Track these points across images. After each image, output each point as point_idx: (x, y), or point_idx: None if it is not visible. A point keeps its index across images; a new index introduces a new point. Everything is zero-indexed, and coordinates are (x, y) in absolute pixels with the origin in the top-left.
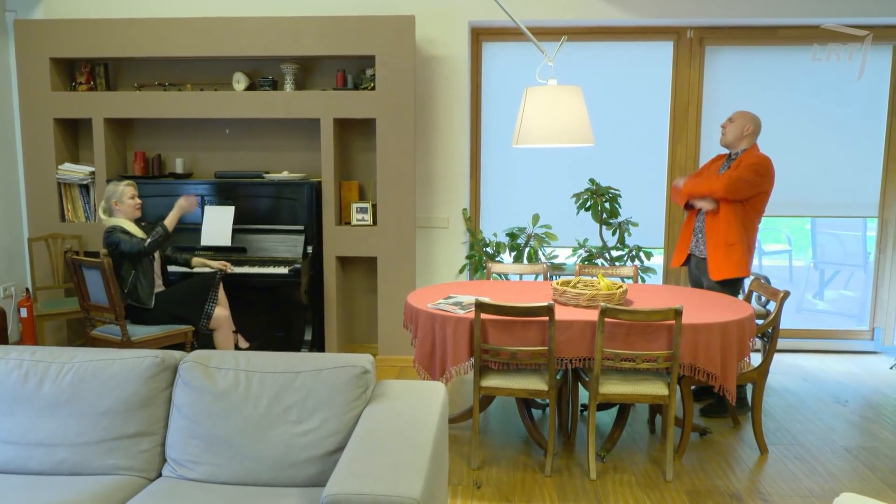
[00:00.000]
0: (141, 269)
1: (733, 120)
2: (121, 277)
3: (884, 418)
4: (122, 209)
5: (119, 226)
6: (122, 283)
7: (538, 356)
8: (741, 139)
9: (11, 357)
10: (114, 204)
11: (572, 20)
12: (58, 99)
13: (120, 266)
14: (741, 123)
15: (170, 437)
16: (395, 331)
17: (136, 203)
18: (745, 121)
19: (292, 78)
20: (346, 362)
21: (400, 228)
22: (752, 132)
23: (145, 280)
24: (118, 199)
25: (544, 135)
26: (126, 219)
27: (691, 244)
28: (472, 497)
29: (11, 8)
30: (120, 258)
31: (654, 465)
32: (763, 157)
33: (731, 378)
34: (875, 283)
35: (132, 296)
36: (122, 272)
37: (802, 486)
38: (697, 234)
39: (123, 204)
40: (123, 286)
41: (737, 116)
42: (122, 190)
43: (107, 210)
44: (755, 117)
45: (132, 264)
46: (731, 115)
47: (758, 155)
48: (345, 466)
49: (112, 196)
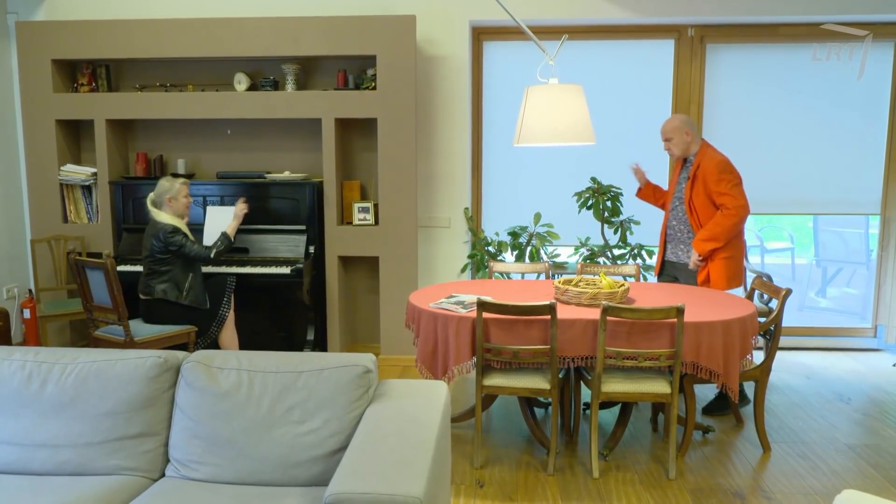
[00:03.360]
0: (197, 271)
1: (670, 137)
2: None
3: (887, 415)
4: (175, 206)
5: (179, 227)
6: (178, 284)
7: (540, 355)
8: (687, 146)
9: (15, 358)
10: (167, 200)
11: (573, 19)
12: (59, 100)
13: (168, 265)
14: (678, 136)
15: (173, 437)
16: (398, 330)
17: (188, 202)
18: (679, 131)
19: (293, 78)
20: (348, 362)
21: (402, 228)
22: (691, 132)
23: (198, 281)
24: (174, 196)
25: (545, 134)
26: (175, 216)
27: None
28: (475, 496)
29: (13, 10)
30: (174, 258)
31: (656, 463)
32: (720, 158)
33: (734, 376)
34: (878, 280)
35: (191, 296)
36: (174, 274)
37: (805, 484)
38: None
39: (178, 201)
40: (181, 287)
41: (670, 132)
42: (178, 188)
43: (157, 203)
44: (683, 120)
45: (188, 266)
46: (665, 134)
47: (713, 157)
48: (347, 466)
49: (168, 192)
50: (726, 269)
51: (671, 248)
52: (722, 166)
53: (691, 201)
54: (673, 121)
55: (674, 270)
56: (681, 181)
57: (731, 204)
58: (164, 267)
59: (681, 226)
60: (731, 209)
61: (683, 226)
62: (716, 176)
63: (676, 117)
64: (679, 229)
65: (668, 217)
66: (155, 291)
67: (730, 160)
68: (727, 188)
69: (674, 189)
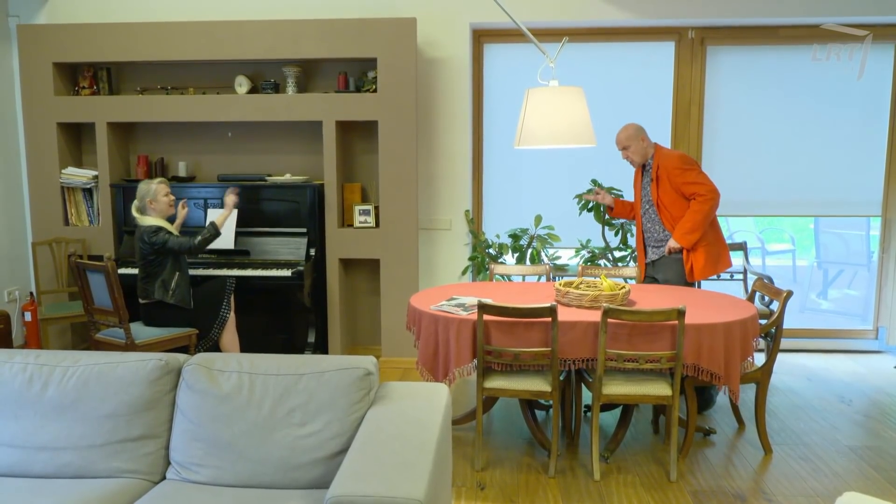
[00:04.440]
0: (184, 270)
1: (627, 146)
2: (159, 278)
3: (888, 417)
4: (157, 207)
5: (161, 226)
6: (165, 283)
7: (541, 357)
8: (645, 151)
9: (16, 361)
10: (148, 203)
11: (573, 21)
12: (61, 103)
13: (159, 266)
14: (635, 143)
15: (174, 439)
16: (399, 333)
17: (169, 200)
18: (635, 138)
19: (294, 81)
20: (349, 364)
21: (402, 230)
22: (646, 137)
23: (185, 281)
24: (153, 198)
25: (546, 136)
26: (160, 217)
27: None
28: (476, 498)
29: (14, 13)
30: (163, 258)
31: (657, 465)
32: (678, 153)
33: (735, 378)
34: (879, 282)
35: (176, 295)
36: (164, 274)
37: (807, 486)
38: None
39: (158, 202)
40: (167, 286)
41: (624, 139)
42: (155, 188)
43: (140, 209)
44: (636, 127)
45: (176, 264)
46: (621, 143)
47: (671, 154)
48: (348, 468)
49: (146, 195)
50: (707, 256)
51: (652, 250)
52: (682, 159)
53: (659, 200)
54: (627, 129)
55: (652, 271)
56: (644, 185)
57: (703, 190)
58: (156, 269)
59: (655, 226)
60: (704, 194)
61: (658, 226)
62: (680, 168)
63: (629, 126)
64: (654, 230)
65: (642, 222)
66: (149, 294)
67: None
68: (694, 177)
69: (640, 195)
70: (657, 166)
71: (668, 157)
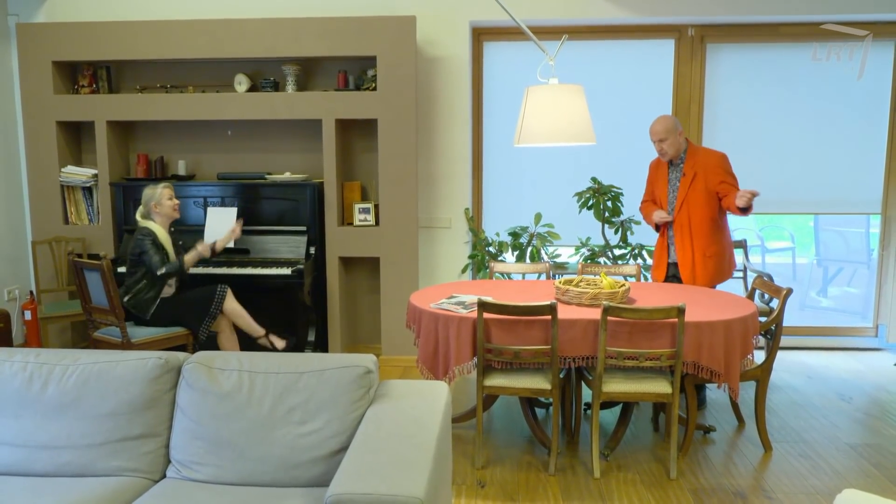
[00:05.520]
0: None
1: (665, 138)
2: (133, 278)
3: (888, 415)
4: (162, 211)
5: (152, 232)
6: (131, 286)
7: (541, 355)
8: (679, 145)
9: (16, 359)
10: (153, 207)
11: (573, 19)
12: (60, 102)
13: (134, 267)
14: (673, 136)
15: (174, 438)
16: (399, 331)
17: (174, 204)
18: (674, 132)
19: (294, 79)
20: (349, 363)
21: (402, 228)
22: (682, 132)
23: (153, 290)
24: (157, 202)
25: (546, 134)
26: (165, 221)
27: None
28: (476, 496)
29: (13, 11)
30: (139, 263)
31: (658, 463)
32: (720, 153)
33: (735, 376)
34: (879, 279)
35: (133, 302)
36: (137, 275)
37: (807, 484)
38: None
39: (163, 206)
40: (130, 289)
41: (663, 132)
42: (160, 192)
43: (145, 214)
44: (674, 120)
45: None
46: (658, 135)
47: (713, 153)
48: (348, 466)
49: (151, 199)
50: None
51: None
52: (725, 159)
53: (687, 197)
54: (665, 121)
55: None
56: (672, 181)
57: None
58: (132, 268)
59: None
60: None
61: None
62: (723, 168)
63: (667, 118)
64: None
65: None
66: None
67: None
68: (733, 179)
69: (665, 190)
70: (692, 163)
71: (710, 154)
